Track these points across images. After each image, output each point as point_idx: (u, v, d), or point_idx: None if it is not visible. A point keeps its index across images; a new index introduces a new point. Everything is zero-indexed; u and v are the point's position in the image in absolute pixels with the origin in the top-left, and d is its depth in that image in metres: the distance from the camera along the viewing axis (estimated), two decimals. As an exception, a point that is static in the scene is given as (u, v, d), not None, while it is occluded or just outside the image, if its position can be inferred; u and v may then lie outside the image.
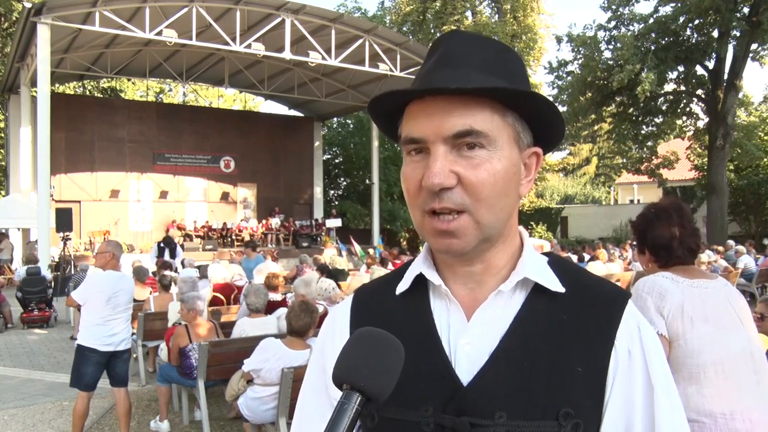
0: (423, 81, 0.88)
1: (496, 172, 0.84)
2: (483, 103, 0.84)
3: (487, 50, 0.89)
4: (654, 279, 2.11)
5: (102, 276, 4.92)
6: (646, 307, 2.04)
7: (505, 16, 28.12)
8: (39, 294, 11.06)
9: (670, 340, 2.00)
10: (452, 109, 0.84)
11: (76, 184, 21.78)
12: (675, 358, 1.99)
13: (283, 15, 17.22)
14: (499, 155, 0.85)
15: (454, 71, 0.86)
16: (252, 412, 4.24)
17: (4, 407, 6.11)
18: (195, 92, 34.01)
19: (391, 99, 0.89)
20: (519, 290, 0.90)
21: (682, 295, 2.03)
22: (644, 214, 2.29)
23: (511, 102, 0.86)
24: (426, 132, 0.85)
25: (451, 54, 0.88)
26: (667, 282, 2.08)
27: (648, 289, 2.08)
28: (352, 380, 0.73)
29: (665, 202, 2.30)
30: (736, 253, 13.07)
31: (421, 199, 0.86)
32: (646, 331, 0.89)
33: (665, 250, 2.19)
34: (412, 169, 0.87)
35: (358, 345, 0.77)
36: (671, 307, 2.01)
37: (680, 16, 19.74)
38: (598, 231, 27.82)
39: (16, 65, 18.52)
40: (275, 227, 22.93)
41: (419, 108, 0.86)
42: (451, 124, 0.83)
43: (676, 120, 23.29)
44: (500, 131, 0.85)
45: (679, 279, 2.09)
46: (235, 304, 7.86)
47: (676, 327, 2.00)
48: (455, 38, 0.90)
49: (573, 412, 0.82)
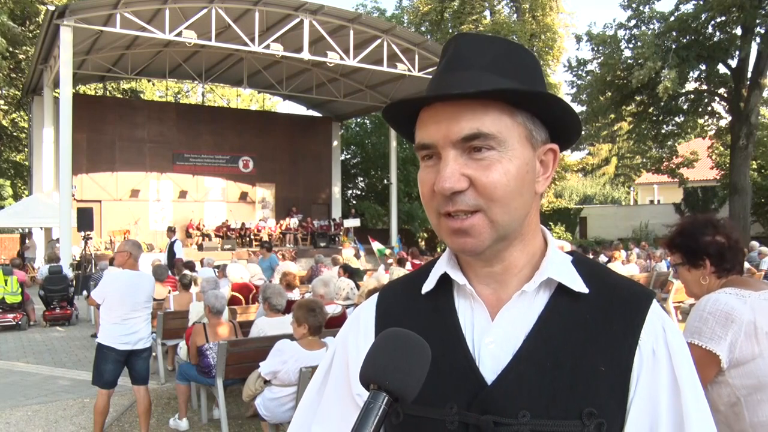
0: (433, 86, 0.89)
1: (508, 172, 0.85)
2: (490, 106, 0.84)
3: (497, 50, 0.89)
4: (718, 297, 1.92)
5: (119, 275, 4.97)
6: (708, 328, 1.88)
7: (524, 15, 27.91)
8: (61, 292, 11.22)
9: (743, 361, 1.85)
10: (459, 114, 0.84)
11: (97, 184, 22.06)
12: (751, 376, 1.84)
13: (302, 15, 17.28)
14: (509, 155, 0.85)
15: (463, 74, 0.87)
16: (270, 412, 4.25)
17: (27, 403, 6.20)
18: (212, 91, 34.24)
19: (402, 106, 0.91)
20: (543, 290, 0.90)
21: (752, 311, 1.88)
22: (688, 228, 2.13)
23: (519, 102, 0.86)
24: (435, 137, 0.86)
25: (460, 56, 0.89)
26: (733, 299, 1.90)
27: (711, 309, 1.90)
28: (379, 380, 0.74)
29: (699, 217, 2.18)
30: (759, 254, 12.86)
31: (435, 202, 0.87)
32: (671, 332, 0.88)
33: (726, 256, 2.04)
34: (426, 173, 0.89)
35: (385, 345, 0.78)
36: (741, 327, 1.86)
37: (702, 13, 19.46)
38: (617, 232, 27.54)
39: (39, 67, 18.82)
40: (293, 227, 23.02)
41: (428, 114, 0.88)
42: (459, 128, 0.84)
43: (697, 119, 22.97)
44: (510, 131, 0.86)
45: (745, 293, 1.91)
46: (253, 303, 7.90)
47: (751, 346, 1.85)
48: (463, 40, 0.91)
49: (596, 412, 0.82)
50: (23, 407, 6.07)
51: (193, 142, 23.95)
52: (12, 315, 10.69)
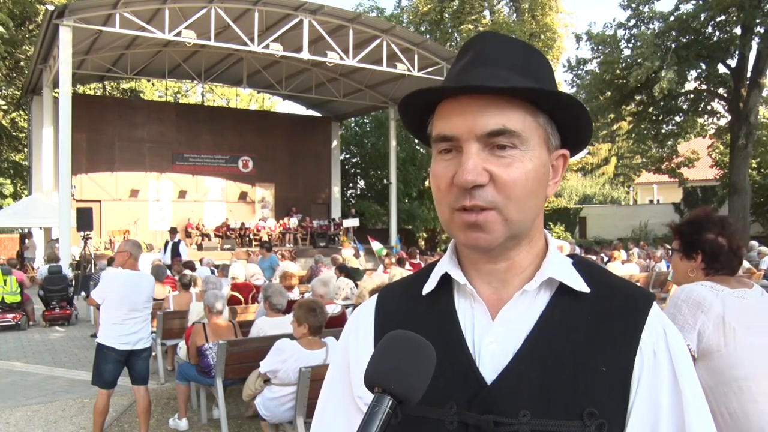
0: (457, 79, 0.88)
1: (528, 171, 0.85)
2: (516, 104, 0.85)
3: (519, 51, 0.90)
4: (693, 288, 2.04)
5: (117, 275, 4.96)
6: (681, 316, 1.99)
7: (524, 15, 27.93)
8: (60, 292, 11.22)
9: (709, 352, 1.95)
10: (486, 108, 0.84)
11: (96, 184, 22.05)
12: (716, 369, 1.94)
13: (301, 15, 17.29)
14: (530, 155, 0.86)
15: (488, 70, 0.86)
16: (269, 411, 4.25)
17: (27, 403, 6.20)
18: (212, 90, 34.24)
19: (424, 96, 0.90)
20: (544, 290, 0.90)
21: (722, 304, 1.97)
22: (696, 220, 2.22)
23: (543, 104, 0.87)
24: (460, 130, 0.85)
25: (486, 54, 0.89)
26: (706, 291, 2.01)
27: (685, 298, 2.02)
28: (383, 383, 0.73)
29: (712, 213, 2.25)
30: (759, 254, 12.87)
31: (451, 196, 0.86)
32: (672, 334, 0.89)
33: (724, 258, 2.12)
34: (443, 167, 0.88)
35: (389, 347, 0.78)
36: (710, 318, 1.95)
37: (702, 13, 19.45)
38: (616, 232, 27.53)
39: (38, 67, 18.80)
40: (293, 227, 23.02)
41: (452, 106, 0.87)
42: (484, 122, 0.84)
43: (697, 119, 22.98)
44: (532, 132, 0.86)
45: (719, 288, 2.02)
46: (253, 303, 7.90)
47: (717, 338, 1.94)
48: (489, 38, 0.91)
49: (597, 413, 0.82)
50: (23, 407, 6.06)
51: (192, 142, 23.94)
52: (11, 315, 10.68)
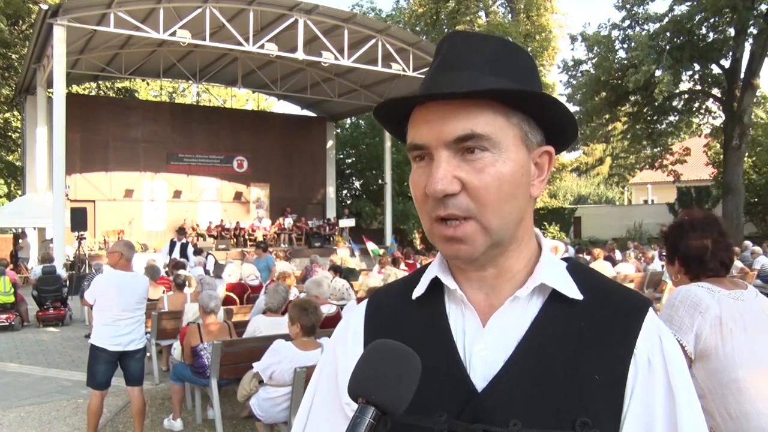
0: (426, 85, 0.86)
1: (502, 175, 0.82)
2: (484, 105, 0.82)
3: (492, 49, 0.86)
4: (689, 289, 2.04)
5: (109, 276, 4.94)
6: (678, 317, 1.99)
7: (519, 15, 28.00)
8: (54, 293, 11.16)
9: (707, 353, 1.95)
10: (452, 114, 0.81)
11: (90, 184, 21.98)
12: (714, 370, 1.93)
13: (296, 15, 17.28)
14: (504, 158, 0.82)
15: (455, 75, 0.84)
16: (264, 412, 4.25)
17: (20, 404, 6.16)
18: (207, 91, 34.17)
19: (394, 106, 0.88)
20: (536, 296, 0.88)
21: (719, 306, 1.97)
22: (678, 223, 2.22)
23: (514, 102, 0.84)
24: (428, 138, 0.83)
25: (454, 56, 0.86)
26: (703, 292, 2.01)
27: (682, 299, 2.02)
28: (367, 394, 0.71)
29: (700, 214, 2.24)
30: (752, 253, 12.92)
31: (428, 205, 0.84)
32: (667, 341, 0.85)
33: (697, 262, 2.13)
34: (418, 175, 0.86)
35: (373, 357, 0.75)
36: (707, 320, 1.95)
37: (696, 14, 19.54)
38: (611, 232, 27.58)
39: (32, 66, 18.72)
40: (288, 227, 23.01)
41: (420, 114, 0.85)
42: (451, 128, 0.81)
43: (691, 119, 23.09)
44: (504, 133, 0.83)
45: (715, 289, 2.02)
46: (248, 303, 7.89)
47: (714, 339, 1.93)
48: (458, 38, 0.88)
49: (590, 422, 0.79)
50: (16, 408, 6.03)
51: (187, 142, 23.90)
52: (5, 315, 10.62)
